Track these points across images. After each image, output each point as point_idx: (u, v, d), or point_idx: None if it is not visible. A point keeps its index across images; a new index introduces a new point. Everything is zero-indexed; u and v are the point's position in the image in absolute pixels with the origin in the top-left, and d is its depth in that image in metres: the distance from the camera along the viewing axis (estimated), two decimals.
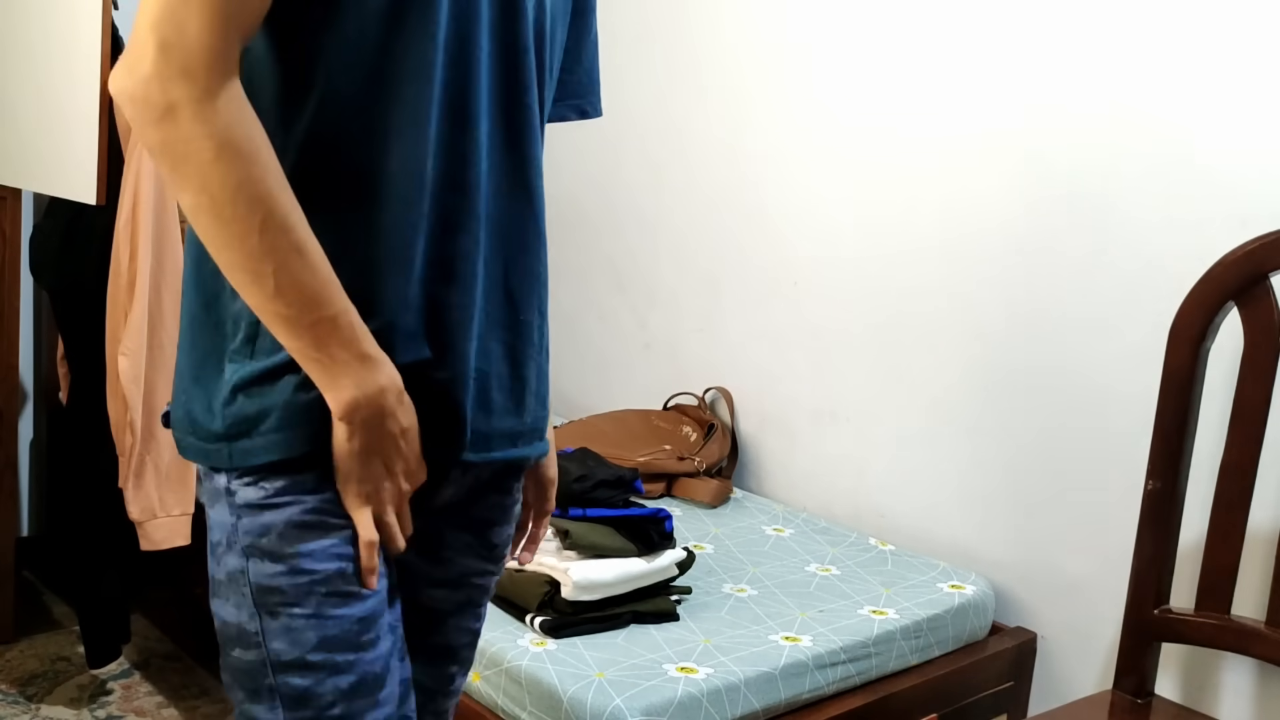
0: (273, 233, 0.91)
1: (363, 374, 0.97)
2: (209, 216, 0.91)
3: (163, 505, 2.15)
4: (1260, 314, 1.65)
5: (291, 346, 0.96)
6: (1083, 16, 2.01)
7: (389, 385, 0.98)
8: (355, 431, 0.98)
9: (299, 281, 0.93)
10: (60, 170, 2.14)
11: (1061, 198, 2.06)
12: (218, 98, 0.89)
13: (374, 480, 1.01)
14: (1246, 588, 1.75)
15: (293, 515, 1.00)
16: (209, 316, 1.03)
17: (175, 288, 2.12)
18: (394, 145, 0.99)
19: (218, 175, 0.89)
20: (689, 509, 2.37)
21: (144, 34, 0.88)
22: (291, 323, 0.94)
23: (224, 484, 1.01)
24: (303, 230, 0.93)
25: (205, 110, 0.88)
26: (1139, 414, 1.90)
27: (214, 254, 0.94)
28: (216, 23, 0.89)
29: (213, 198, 0.90)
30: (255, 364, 0.99)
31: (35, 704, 2.36)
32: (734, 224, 2.67)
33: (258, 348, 0.99)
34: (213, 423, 1.01)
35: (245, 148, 0.90)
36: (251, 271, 0.92)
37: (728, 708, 1.63)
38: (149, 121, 0.89)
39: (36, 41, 2.19)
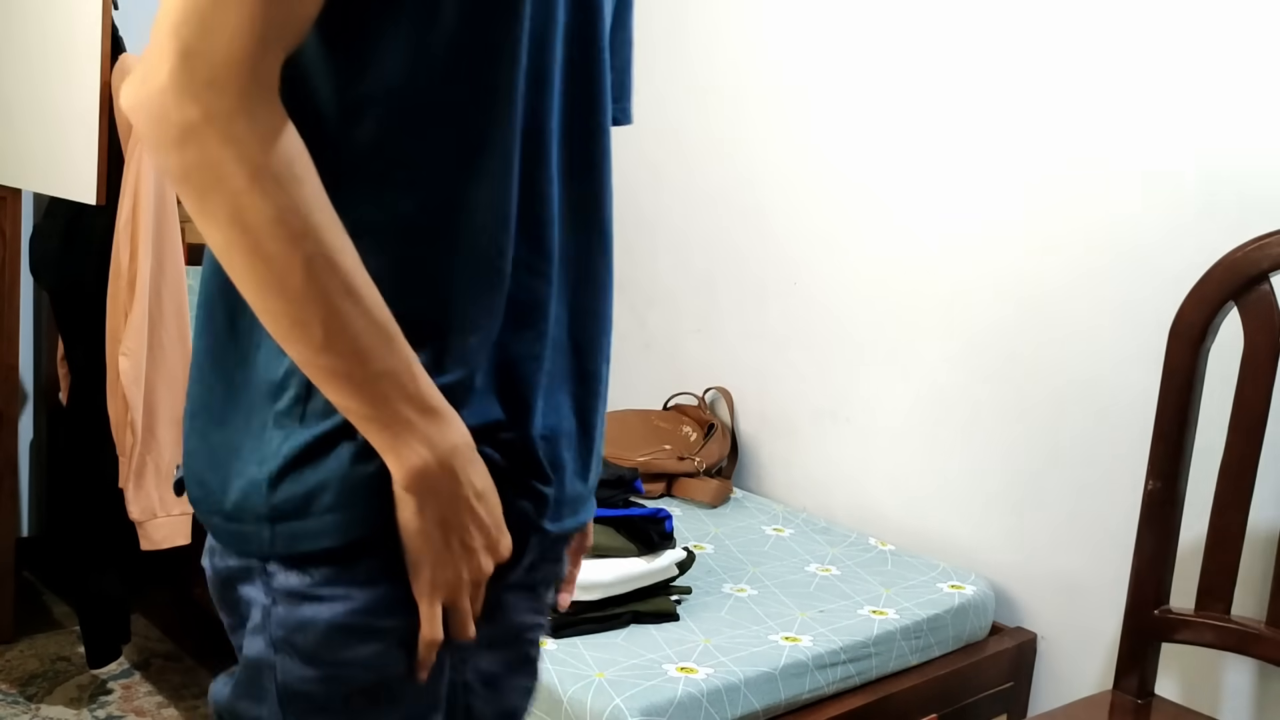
0: (320, 273, 0.76)
1: (431, 432, 0.82)
2: (243, 255, 0.76)
3: (163, 505, 2.15)
4: (1260, 314, 1.65)
5: (345, 406, 0.81)
6: (1081, 14, 2.01)
7: (461, 443, 0.84)
8: (426, 503, 0.83)
9: (351, 330, 0.78)
10: (60, 170, 2.14)
11: (1061, 198, 2.06)
12: (252, 115, 0.74)
13: (452, 562, 0.86)
14: (1246, 588, 1.75)
15: (338, 615, 0.85)
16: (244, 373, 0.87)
17: (175, 288, 2.12)
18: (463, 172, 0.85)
19: (253, 206, 0.74)
20: (689, 509, 2.37)
21: (163, 38, 0.73)
22: (344, 378, 0.79)
23: (256, 562, 0.87)
24: (355, 269, 0.78)
25: (236, 129, 0.74)
26: (1139, 414, 1.90)
27: (250, 300, 0.78)
28: (255, 25, 0.74)
29: (247, 233, 0.75)
30: (307, 431, 0.84)
31: (35, 704, 2.36)
32: (733, 224, 2.67)
33: (309, 410, 0.84)
34: (252, 502, 0.85)
35: (285, 173, 0.75)
36: (295, 319, 0.77)
37: (728, 708, 1.63)
38: (167, 142, 0.74)
39: (36, 41, 2.19)
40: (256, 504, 0.85)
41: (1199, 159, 1.87)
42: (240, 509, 0.86)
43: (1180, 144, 1.89)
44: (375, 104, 0.82)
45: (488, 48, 0.84)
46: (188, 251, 2.87)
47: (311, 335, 0.78)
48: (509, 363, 0.90)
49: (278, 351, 0.83)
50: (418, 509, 0.83)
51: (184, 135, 0.74)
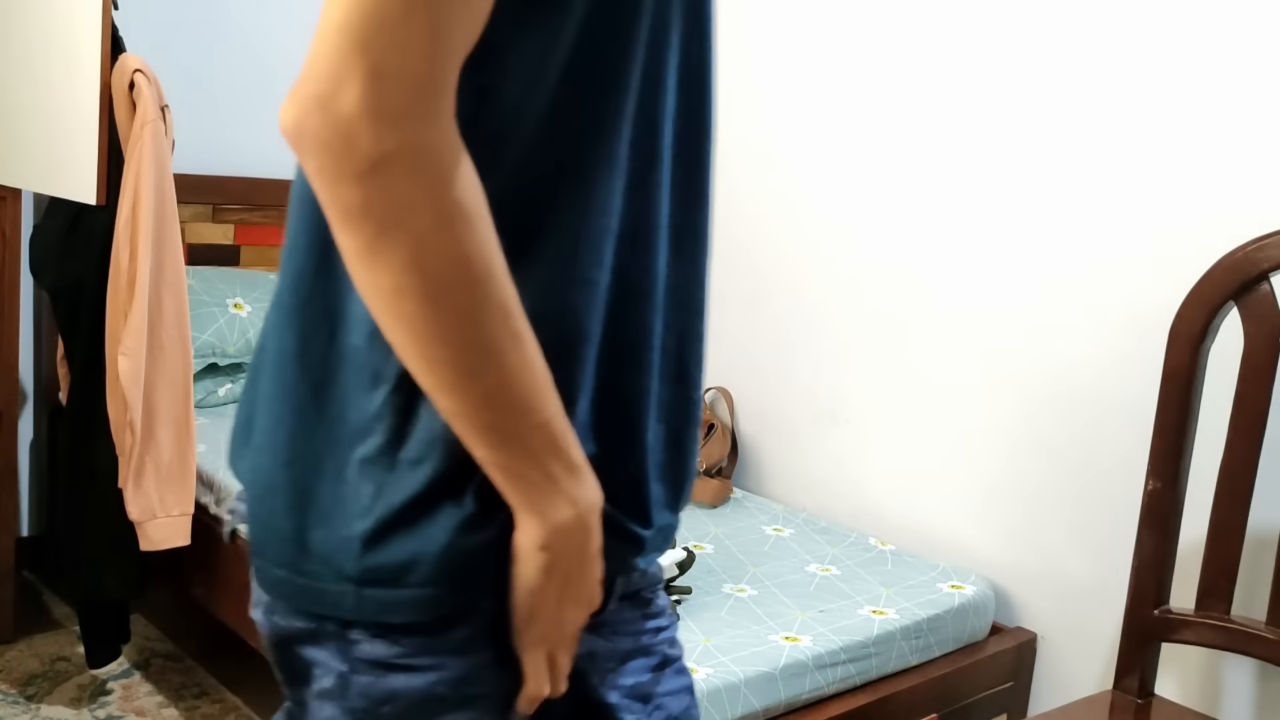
0: (496, 320, 0.69)
1: (574, 489, 0.76)
2: (417, 301, 0.67)
3: (163, 505, 2.15)
4: (1260, 314, 1.65)
5: (490, 459, 0.74)
6: (1081, 14, 2.01)
7: (597, 500, 0.78)
8: (557, 561, 0.77)
9: (516, 379, 0.71)
10: (60, 170, 2.14)
11: (1061, 198, 2.06)
12: (442, 145, 0.66)
13: (562, 619, 0.80)
14: (1246, 588, 1.75)
15: (429, 685, 0.78)
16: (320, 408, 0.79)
17: (175, 288, 2.12)
18: (585, 192, 0.78)
19: (439, 248, 0.66)
20: (689, 509, 2.37)
21: (343, 55, 0.64)
22: (498, 432, 0.72)
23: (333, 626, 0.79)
24: (521, 315, 0.71)
25: (430, 162, 0.65)
26: (1139, 414, 1.90)
27: (410, 348, 0.70)
28: (448, 39, 0.65)
29: (427, 277, 0.67)
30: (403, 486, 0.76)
31: (35, 704, 2.36)
32: (734, 223, 2.67)
33: (400, 458, 0.76)
34: (337, 560, 0.77)
35: (471, 210, 0.67)
36: (463, 369, 0.70)
37: (728, 708, 1.63)
38: (350, 174, 0.64)
39: (36, 41, 2.19)
40: (343, 563, 0.76)
41: (1199, 159, 1.87)
42: (321, 565, 0.77)
43: (1180, 144, 1.89)
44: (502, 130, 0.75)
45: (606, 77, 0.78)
46: (188, 251, 2.87)
47: (477, 387, 0.70)
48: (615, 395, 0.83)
49: (363, 388, 0.76)
50: (546, 567, 0.77)
51: (373, 167, 0.64)
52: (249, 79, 3.05)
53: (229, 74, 3.02)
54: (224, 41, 2.99)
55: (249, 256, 3.11)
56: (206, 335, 2.71)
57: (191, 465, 2.18)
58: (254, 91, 3.07)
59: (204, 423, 2.58)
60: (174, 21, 2.90)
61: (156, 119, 2.05)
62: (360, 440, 0.76)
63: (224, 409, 2.76)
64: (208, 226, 3.02)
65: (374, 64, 0.63)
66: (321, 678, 0.80)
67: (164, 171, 2.08)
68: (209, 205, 3.01)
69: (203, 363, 2.69)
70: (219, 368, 2.79)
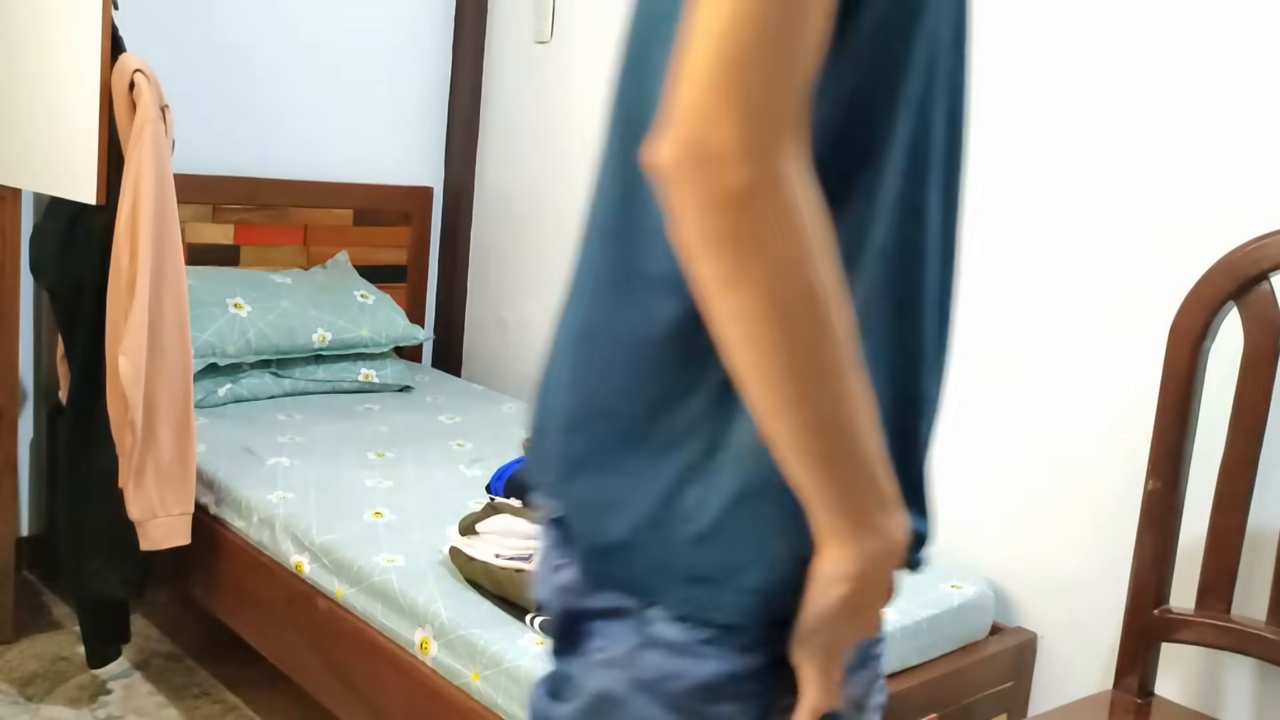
0: (835, 346, 0.72)
1: (886, 522, 0.78)
2: (767, 326, 0.70)
3: (163, 505, 2.15)
4: (1260, 314, 1.65)
5: (811, 485, 0.76)
6: (1082, 14, 2.01)
7: (904, 535, 0.80)
8: (860, 591, 0.79)
9: (847, 407, 0.73)
10: (60, 170, 2.14)
11: (1060, 197, 2.06)
12: (804, 176, 0.69)
13: (843, 640, 0.83)
14: (1246, 588, 1.75)
15: (711, 674, 0.83)
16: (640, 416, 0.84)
17: (175, 288, 2.12)
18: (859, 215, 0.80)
19: (797, 276, 0.69)
20: None
21: (713, 96, 0.67)
22: (823, 459, 0.74)
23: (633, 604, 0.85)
24: (853, 342, 0.73)
25: (791, 193, 0.68)
26: (1139, 414, 1.90)
27: (752, 372, 0.72)
28: (805, 76, 0.68)
29: (781, 304, 0.69)
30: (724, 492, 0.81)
31: (35, 704, 2.36)
32: None
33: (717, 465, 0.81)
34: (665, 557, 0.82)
35: (821, 239, 0.70)
36: (802, 396, 0.72)
37: None
38: (720, 205, 0.67)
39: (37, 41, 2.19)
40: (671, 560, 0.82)
41: (1199, 159, 1.87)
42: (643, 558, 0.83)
43: (1181, 144, 1.89)
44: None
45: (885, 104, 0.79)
46: (188, 251, 2.87)
47: (812, 413, 0.72)
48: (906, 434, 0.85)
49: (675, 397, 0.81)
50: (848, 596, 0.79)
51: (742, 200, 0.67)
52: (249, 79, 3.05)
53: (229, 74, 3.02)
54: (224, 41, 2.99)
55: (249, 256, 3.11)
56: (206, 335, 2.71)
57: (192, 465, 2.18)
58: (254, 91, 3.07)
59: (204, 422, 2.58)
60: (174, 21, 2.90)
61: (156, 119, 2.05)
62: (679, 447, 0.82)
63: (224, 409, 2.76)
64: (208, 226, 3.02)
65: (744, 100, 0.67)
66: (607, 647, 0.86)
67: (164, 171, 2.08)
68: (209, 205, 3.01)
69: (203, 363, 2.69)
70: (219, 368, 2.79)
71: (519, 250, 3.32)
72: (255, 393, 2.85)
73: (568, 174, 3.11)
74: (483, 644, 1.70)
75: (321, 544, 2.03)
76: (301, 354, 2.91)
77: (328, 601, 2.00)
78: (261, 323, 2.81)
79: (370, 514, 2.16)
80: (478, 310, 3.50)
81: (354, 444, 2.57)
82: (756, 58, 0.67)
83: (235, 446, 2.48)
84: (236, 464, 2.39)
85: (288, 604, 2.09)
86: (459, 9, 3.39)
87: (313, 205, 3.19)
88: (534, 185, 3.24)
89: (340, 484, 2.31)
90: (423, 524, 2.12)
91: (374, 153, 3.32)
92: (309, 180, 3.18)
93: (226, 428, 2.61)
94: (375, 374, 3.05)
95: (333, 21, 3.17)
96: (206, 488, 2.33)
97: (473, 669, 1.70)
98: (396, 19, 3.30)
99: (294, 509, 2.16)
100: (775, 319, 0.70)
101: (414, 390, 3.12)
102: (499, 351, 3.43)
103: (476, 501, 2.24)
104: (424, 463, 2.49)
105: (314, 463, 2.42)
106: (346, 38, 3.20)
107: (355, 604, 1.94)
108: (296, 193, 3.16)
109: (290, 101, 3.13)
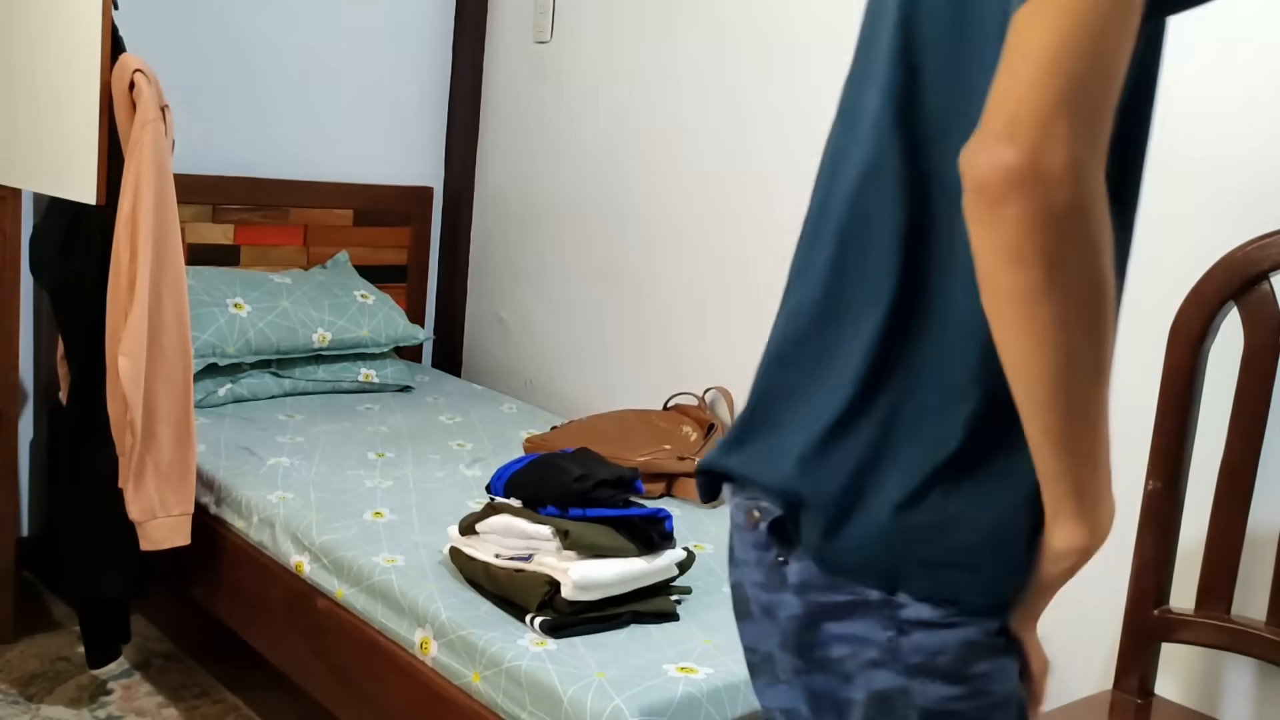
0: (1109, 342, 0.80)
1: (1110, 500, 0.89)
2: (1067, 332, 0.77)
3: (163, 505, 2.15)
4: (1260, 314, 1.65)
5: (1061, 471, 0.84)
6: None
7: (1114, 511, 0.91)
8: (1081, 561, 0.89)
9: (1104, 398, 0.82)
10: (60, 170, 2.14)
11: None
12: (1104, 191, 0.76)
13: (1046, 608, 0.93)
14: (1246, 588, 1.75)
15: (971, 635, 0.89)
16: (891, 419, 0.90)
17: (175, 288, 2.12)
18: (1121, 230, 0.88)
19: (1099, 287, 0.77)
20: (689, 509, 2.37)
21: (1048, 118, 0.73)
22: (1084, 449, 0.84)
23: (877, 596, 0.90)
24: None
25: (1101, 211, 0.75)
26: (1139, 414, 1.90)
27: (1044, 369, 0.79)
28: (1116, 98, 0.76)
29: (1085, 306, 0.77)
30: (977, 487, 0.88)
31: (35, 704, 2.36)
32: (734, 222, 2.67)
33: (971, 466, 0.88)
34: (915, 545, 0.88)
35: (1110, 249, 0.77)
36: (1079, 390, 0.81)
37: (728, 708, 1.63)
38: (1045, 223, 0.74)
39: (36, 42, 2.19)
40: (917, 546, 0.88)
41: (1199, 159, 1.87)
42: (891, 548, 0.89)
43: (1180, 144, 1.89)
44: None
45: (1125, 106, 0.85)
46: (188, 251, 2.87)
47: (1084, 409, 0.81)
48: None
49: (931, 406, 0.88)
50: (1074, 567, 0.89)
51: (1070, 215, 0.74)
52: (249, 79, 3.05)
53: (229, 74, 3.02)
54: (224, 41, 2.99)
55: (249, 256, 3.11)
56: (206, 335, 2.71)
57: (192, 465, 2.18)
58: (254, 91, 3.07)
59: (204, 422, 2.58)
60: (174, 21, 2.90)
61: (156, 119, 2.05)
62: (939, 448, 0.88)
63: (224, 409, 2.76)
64: (208, 226, 3.02)
65: (1076, 125, 0.73)
66: (859, 651, 0.90)
67: (164, 171, 2.08)
68: (209, 205, 3.01)
69: (203, 363, 2.69)
70: (219, 368, 2.79)
71: (519, 250, 3.32)
72: (255, 393, 2.85)
73: (568, 174, 3.11)
74: (483, 644, 1.70)
75: (321, 544, 2.03)
76: (301, 354, 2.91)
77: (328, 601, 2.00)
78: (261, 323, 2.81)
79: (370, 514, 2.16)
80: (478, 310, 3.50)
81: (354, 444, 2.57)
82: (1090, 81, 0.73)
83: (235, 446, 2.48)
84: (236, 464, 2.39)
85: (288, 604, 2.09)
86: (459, 9, 3.39)
87: (313, 205, 3.19)
88: (534, 185, 3.24)
89: (340, 484, 2.31)
90: (423, 524, 2.12)
91: (374, 153, 3.32)
92: (309, 180, 3.18)
93: (226, 428, 2.61)
94: (375, 374, 3.05)
95: (333, 22, 3.17)
96: (206, 488, 2.33)
97: (473, 669, 1.70)
98: (396, 19, 3.30)
99: (294, 509, 2.16)
100: (1077, 326, 0.77)
101: (414, 390, 3.12)
102: (499, 351, 3.43)
103: (476, 501, 2.24)
104: (424, 463, 2.49)
105: (314, 463, 2.42)
106: (346, 38, 3.20)
107: (355, 604, 1.94)
108: (296, 193, 3.16)
109: (290, 102, 3.13)
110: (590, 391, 3.09)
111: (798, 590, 0.93)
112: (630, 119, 2.90)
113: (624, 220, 2.97)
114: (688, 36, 2.76)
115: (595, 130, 3.02)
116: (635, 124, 2.90)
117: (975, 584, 0.88)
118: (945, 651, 0.88)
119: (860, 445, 0.91)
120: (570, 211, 3.11)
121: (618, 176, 2.97)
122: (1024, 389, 0.81)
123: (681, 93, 2.78)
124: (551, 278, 3.21)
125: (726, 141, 2.68)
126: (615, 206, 2.99)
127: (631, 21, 2.89)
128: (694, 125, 2.75)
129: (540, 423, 2.88)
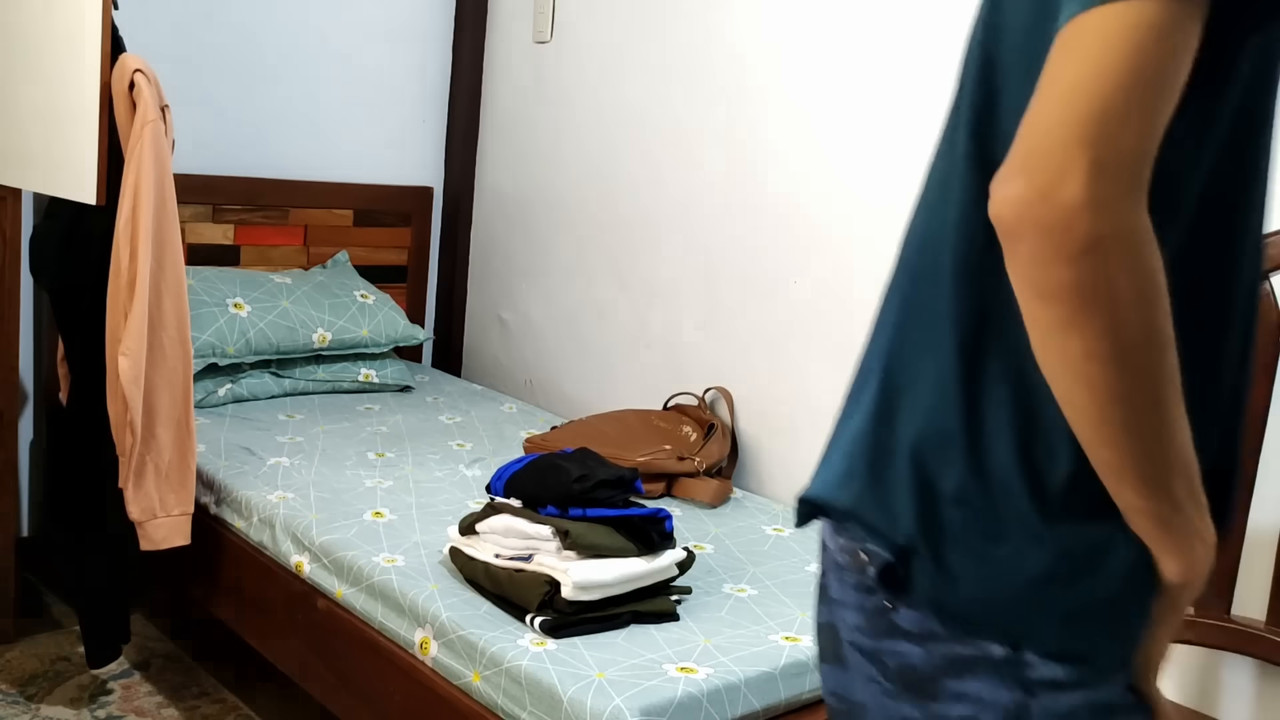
0: (1166, 381, 0.76)
1: (1205, 528, 0.82)
2: (1105, 366, 0.74)
3: (163, 505, 2.15)
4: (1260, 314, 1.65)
5: (1139, 507, 0.80)
6: None
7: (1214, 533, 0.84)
8: (1186, 596, 0.85)
9: (1174, 433, 0.78)
10: (60, 170, 2.14)
11: None
12: (1145, 227, 0.72)
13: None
14: (1246, 588, 1.75)
15: (1105, 696, 0.85)
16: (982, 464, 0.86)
17: (175, 288, 2.12)
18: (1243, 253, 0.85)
19: (1136, 320, 0.73)
20: (689, 509, 2.37)
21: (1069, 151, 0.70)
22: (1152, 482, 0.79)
23: (1001, 653, 0.85)
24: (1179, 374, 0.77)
25: (1135, 243, 0.72)
26: None
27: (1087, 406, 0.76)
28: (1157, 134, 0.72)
29: (1119, 344, 0.73)
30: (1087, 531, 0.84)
31: (35, 704, 2.36)
32: (735, 222, 2.67)
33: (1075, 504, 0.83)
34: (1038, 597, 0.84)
35: (1160, 284, 0.73)
36: (1134, 427, 0.76)
37: (728, 708, 1.63)
38: (1064, 258, 0.71)
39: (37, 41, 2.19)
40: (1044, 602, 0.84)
41: None
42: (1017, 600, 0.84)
43: None
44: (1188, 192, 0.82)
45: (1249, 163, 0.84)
46: (188, 251, 2.87)
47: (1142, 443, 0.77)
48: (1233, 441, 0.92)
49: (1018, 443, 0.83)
50: (1177, 602, 0.85)
51: (1087, 250, 0.71)
52: (249, 79, 3.05)
53: (229, 74, 3.02)
54: (224, 41, 2.99)
55: (249, 256, 3.11)
56: (206, 335, 2.71)
57: (192, 465, 2.18)
58: (254, 91, 3.07)
59: (204, 422, 2.58)
60: (174, 21, 2.90)
61: (156, 119, 2.05)
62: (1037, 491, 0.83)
63: (224, 409, 2.76)
64: (208, 226, 3.02)
65: (1096, 159, 0.70)
66: (982, 715, 0.85)
67: (164, 171, 2.08)
68: (209, 205, 3.01)
69: (203, 363, 2.69)
70: (219, 368, 2.79)
71: (519, 250, 3.32)
72: (255, 393, 2.85)
73: (568, 174, 3.11)
74: (483, 644, 1.70)
75: (321, 544, 2.04)
76: (301, 354, 2.91)
77: (328, 601, 2.00)
78: (261, 323, 2.81)
79: (370, 514, 2.16)
80: (478, 310, 3.50)
81: (354, 444, 2.57)
82: (1118, 115, 0.70)
83: (235, 446, 2.48)
84: (236, 464, 2.39)
85: (288, 604, 2.09)
86: (459, 9, 3.39)
87: (313, 205, 3.20)
88: (534, 185, 3.24)
89: (340, 484, 2.31)
90: (423, 524, 2.12)
91: (374, 153, 3.32)
92: (309, 180, 3.18)
93: (226, 428, 2.61)
94: (375, 374, 3.05)
95: (333, 22, 3.17)
96: (206, 488, 2.33)
97: (473, 669, 1.70)
98: (397, 19, 3.30)
99: (294, 509, 2.16)
100: (1111, 359, 0.74)
101: (414, 390, 3.12)
102: (499, 351, 3.43)
103: (476, 501, 2.24)
104: (424, 463, 2.49)
105: (314, 463, 2.42)
106: (346, 38, 3.21)
107: (355, 604, 1.94)
108: (296, 193, 3.16)
109: (290, 102, 3.13)
110: (590, 391, 3.09)
111: (917, 640, 0.88)
112: (630, 119, 2.90)
113: (624, 220, 2.97)
114: (687, 36, 2.76)
115: (595, 130, 3.02)
116: (635, 124, 2.90)
117: (1101, 635, 0.83)
118: (1074, 715, 0.83)
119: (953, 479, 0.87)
120: (570, 211, 3.12)
121: (618, 176, 2.97)
122: (1071, 423, 0.78)
123: (681, 92, 2.78)
124: (551, 278, 3.21)
125: (726, 141, 2.68)
126: (615, 206, 2.99)
127: (631, 21, 2.89)
128: (693, 125, 2.75)
129: (540, 423, 2.88)
